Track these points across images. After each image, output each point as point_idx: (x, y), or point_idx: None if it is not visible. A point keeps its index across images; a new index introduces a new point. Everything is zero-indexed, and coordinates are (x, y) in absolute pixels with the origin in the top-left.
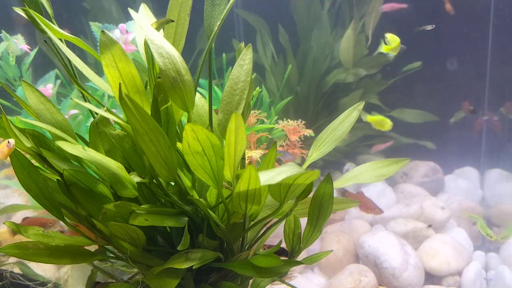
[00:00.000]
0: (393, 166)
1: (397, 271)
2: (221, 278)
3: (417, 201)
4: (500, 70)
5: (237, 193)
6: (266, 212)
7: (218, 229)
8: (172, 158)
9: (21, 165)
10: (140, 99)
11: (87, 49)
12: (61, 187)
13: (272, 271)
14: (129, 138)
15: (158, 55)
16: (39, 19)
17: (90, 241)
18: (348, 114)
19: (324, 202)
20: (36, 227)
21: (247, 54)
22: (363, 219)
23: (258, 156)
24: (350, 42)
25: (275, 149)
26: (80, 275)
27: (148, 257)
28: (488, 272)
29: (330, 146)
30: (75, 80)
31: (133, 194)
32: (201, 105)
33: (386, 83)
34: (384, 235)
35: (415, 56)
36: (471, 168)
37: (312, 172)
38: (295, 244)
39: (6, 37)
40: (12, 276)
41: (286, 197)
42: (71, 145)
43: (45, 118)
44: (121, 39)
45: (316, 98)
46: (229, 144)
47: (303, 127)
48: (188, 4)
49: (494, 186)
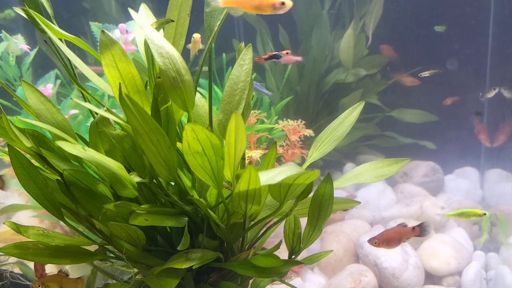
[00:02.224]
0: (393, 166)
1: (397, 271)
2: (221, 278)
3: (417, 201)
4: (500, 70)
5: (237, 193)
6: (266, 212)
7: (218, 229)
8: (172, 158)
9: (21, 165)
10: (140, 99)
11: (87, 49)
12: (61, 187)
13: (272, 271)
14: (129, 138)
15: (158, 55)
16: (39, 19)
17: (90, 241)
18: (348, 114)
19: (324, 202)
20: (36, 227)
21: (247, 54)
22: (363, 219)
23: (258, 156)
24: (350, 42)
25: (275, 149)
26: (80, 275)
27: (148, 257)
28: (488, 272)
29: (330, 146)
30: (75, 80)
31: (133, 194)
32: (201, 105)
33: (386, 83)
34: None
35: (415, 56)
36: (471, 168)
37: (312, 172)
38: (295, 244)
39: (6, 37)
40: (12, 276)
41: (286, 197)
42: (71, 145)
43: (45, 118)
44: (121, 39)
45: (316, 98)
46: (229, 144)
47: (303, 127)
48: (188, 4)
49: (494, 186)
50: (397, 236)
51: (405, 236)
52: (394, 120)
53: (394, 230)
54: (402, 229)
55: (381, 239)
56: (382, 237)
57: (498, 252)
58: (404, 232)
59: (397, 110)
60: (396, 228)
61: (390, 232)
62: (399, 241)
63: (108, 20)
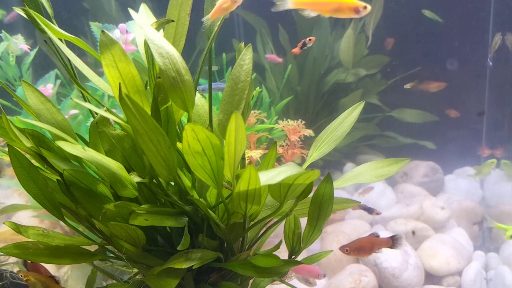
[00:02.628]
0: (393, 166)
1: (397, 271)
2: (221, 278)
3: (417, 201)
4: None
5: (237, 193)
6: (266, 212)
7: (218, 229)
8: (172, 158)
9: (21, 165)
10: (140, 99)
11: (87, 49)
12: (61, 187)
13: (272, 271)
14: (129, 138)
15: (158, 55)
16: (39, 19)
17: (90, 241)
18: (348, 114)
19: (324, 202)
20: (36, 227)
21: (247, 54)
22: (363, 219)
23: (258, 156)
24: (350, 42)
25: (275, 149)
26: (80, 275)
27: (148, 257)
28: (488, 272)
29: (330, 146)
30: (75, 80)
31: (133, 194)
32: (201, 105)
33: (386, 83)
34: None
35: (415, 56)
36: (471, 168)
37: (312, 172)
38: (295, 244)
39: (6, 37)
40: (12, 276)
41: (286, 197)
42: (71, 145)
43: (45, 118)
44: (121, 39)
45: (316, 98)
46: (229, 144)
47: (303, 127)
48: (188, 4)
49: (494, 186)
50: (369, 245)
51: (377, 246)
52: (394, 120)
53: (366, 239)
54: (374, 239)
55: (352, 247)
56: (353, 245)
57: (498, 252)
58: (376, 242)
59: (397, 110)
60: (368, 238)
61: (362, 241)
62: (370, 250)
63: (108, 20)
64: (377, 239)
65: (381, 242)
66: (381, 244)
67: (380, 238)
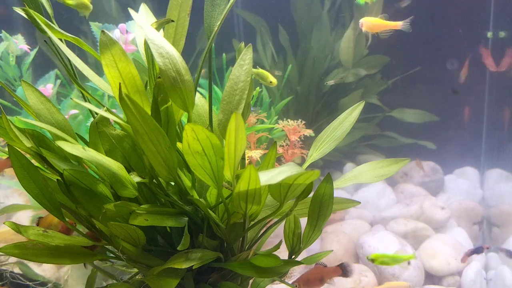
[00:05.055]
0: (393, 166)
1: (397, 271)
2: (221, 278)
3: (417, 201)
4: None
5: (237, 193)
6: (266, 212)
7: (218, 229)
8: (172, 158)
9: (21, 165)
10: (140, 99)
11: (87, 49)
12: (61, 187)
13: (272, 271)
14: (129, 138)
15: (158, 55)
16: (39, 19)
17: (90, 241)
18: (348, 114)
19: (324, 202)
20: (36, 227)
21: (247, 54)
22: (363, 219)
23: (258, 156)
24: (350, 42)
25: (275, 149)
26: (80, 275)
27: (148, 257)
28: (488, 272)
29: (330, 146)
30: (75, 80)
31: (133, 194)
32: (201, 105)
33: (386, 83)
34: (384, 235)
35: (415, 56)
36: (471, 168)
37: (312, 172)
38: (295, 244)
39: (6, 37)
40: (12, 276)
41: (286, 197)
42: (71, 145)
43: (45, 118)
44: (121, 39)
45: (316, 98)
46: (229, 144)
47: (303, 127)
48: (188, 4)
49: (494, 186)
50: (318, 276)
51: (326, 276)
52: (394, 120)
53: (314, 271)
54: (322, 269)
55: (301, 281)
56: (302, 279)
57: (498, 252)
58: (325, 272)
59: (397, 110)
60: (315, 269)
61: (310, 273)
62: (321, 281)
63: (108, 20)
64: (325, 269)
65: (329, 271)
66: (330, 273)
67: (328, 268)
